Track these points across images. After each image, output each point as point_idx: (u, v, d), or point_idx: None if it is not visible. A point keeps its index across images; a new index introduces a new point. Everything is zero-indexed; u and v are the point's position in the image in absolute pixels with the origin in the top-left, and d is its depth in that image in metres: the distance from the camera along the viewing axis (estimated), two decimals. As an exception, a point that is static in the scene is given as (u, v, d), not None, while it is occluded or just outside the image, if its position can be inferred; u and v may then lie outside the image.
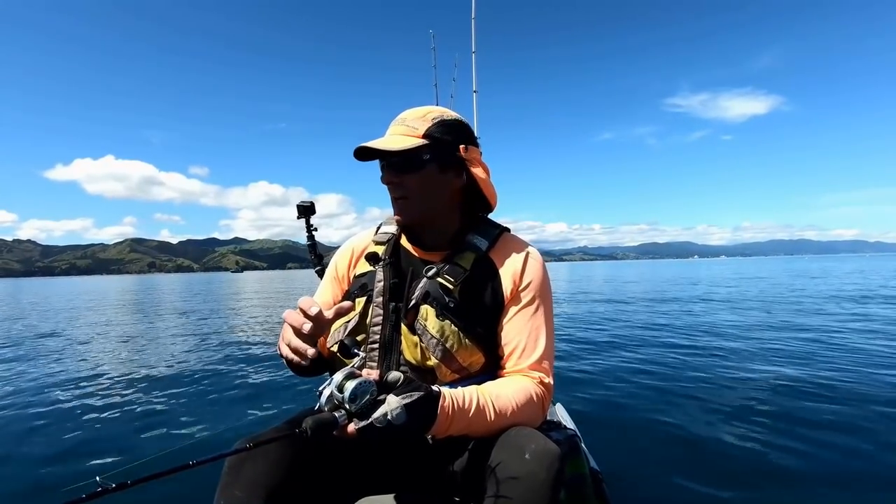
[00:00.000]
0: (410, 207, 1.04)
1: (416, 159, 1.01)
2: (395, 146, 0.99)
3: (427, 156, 1.02)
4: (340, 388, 0.75)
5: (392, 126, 1.06)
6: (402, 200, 1.04)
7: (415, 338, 0.99)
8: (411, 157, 1.01)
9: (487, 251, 1.08)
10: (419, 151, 1.01)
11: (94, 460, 2.74)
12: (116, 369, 5.23)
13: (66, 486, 0.52)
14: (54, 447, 2.95)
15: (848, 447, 2.54)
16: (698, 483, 2.23)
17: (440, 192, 1.06)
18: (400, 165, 1.02)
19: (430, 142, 1.01)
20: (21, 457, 2.83)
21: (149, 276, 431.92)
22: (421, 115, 1.05)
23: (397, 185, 1.03)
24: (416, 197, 1.03)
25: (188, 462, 0.60)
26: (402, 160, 1.01)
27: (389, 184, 1.04)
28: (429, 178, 1.03)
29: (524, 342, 1.02)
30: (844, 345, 5.37)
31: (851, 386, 3.69)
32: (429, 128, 1.02)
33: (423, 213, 1.05)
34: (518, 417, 0.91)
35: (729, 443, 2.69)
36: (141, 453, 2.80)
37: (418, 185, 1.03)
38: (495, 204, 1.17)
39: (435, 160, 1.03)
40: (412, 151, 1.00)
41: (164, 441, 3.04)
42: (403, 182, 1.02)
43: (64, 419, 3.50)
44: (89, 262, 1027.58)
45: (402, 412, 0.75)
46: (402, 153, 1.00)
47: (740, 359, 4.85)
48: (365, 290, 1.08)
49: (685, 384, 3.97)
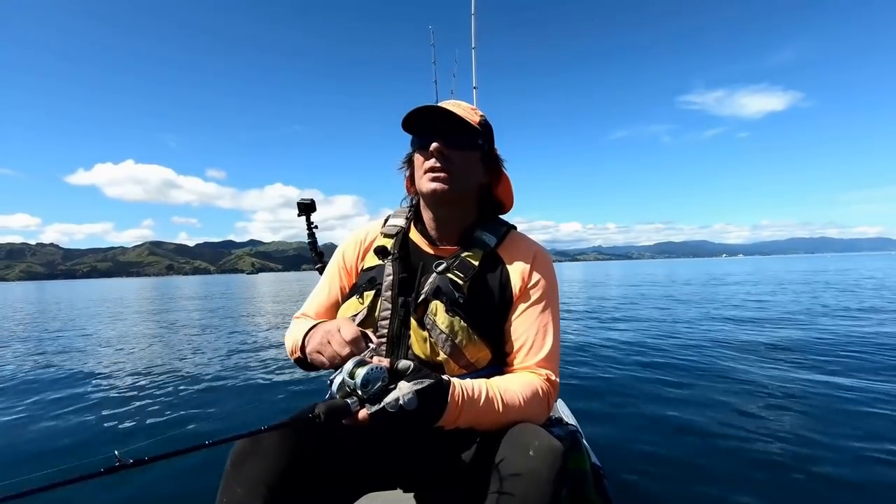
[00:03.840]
0: (451, 182, 1.03)
1: (473, 139, 1.05)
2: (468, 118, 1.02)
3: (480, 141, 1.07)
4: (352, 375, 0.76)
5: (446, 104, 1.07)
6: (444, 173, 1.03)
7: (424, 332, 1.00)
8: (470, 135, 1.05)
9: (496, 248, 1.09)
10: (477, 134, 1.05)
11: (115, 439, 2.92)
12: (141, 363, 5.36)
13: (86, 458, 0.54)
14: (78, 425, 3.18)
15: (857, 453, 2.46)
16: (698, 479, 2.23)
17: (474, 179, 1.09)
18: (456, 140, 1.03)
19: (483, 131, 1.07)
20: (43, 433, 3.05)
21: (167, 278, 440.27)
22: (471, 108, 1.09)
23: (445, 157, 1.03)
24: (459, 174, 1.04)
25: (204, 442, 0.62)
26: (459, 136, 1.03)
27: (438, 153, 1.02)
28: (474, 161, 1.07)
29: (532, 339, 1.02)
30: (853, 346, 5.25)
31: (865, 387, 3.60)
32: (480, 120, 1.07)
33: (458, 193, 1.06)
34: (525, 412, 0.92)
35: (730, 439, 2.67)
36: (160, 434, 2.98)
37: (464, 163, 1.05)
38: (511, 206, 1.19)
39: (482, 148, 1.08)
40: (473, 130, 1.04)
41: (184, 424, 3.18)
42: (452, 156, 1.03)
43: (89, 404, 3.73)
44: (110, 265, 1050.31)
45: (413, 397, 0.75)
46: (468, 128, 1.03)
47: (745, 356, 4.78)
48: (373, 284, 1.09)
49: (687, 380, 3.94)
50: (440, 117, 1.02)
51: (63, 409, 3.63)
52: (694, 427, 2.87)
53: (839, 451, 2.47)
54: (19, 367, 5.48)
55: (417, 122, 1.05)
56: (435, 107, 1.02)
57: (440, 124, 1.02)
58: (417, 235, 1.15)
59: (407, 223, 1.18)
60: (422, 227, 1.14)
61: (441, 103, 1.08)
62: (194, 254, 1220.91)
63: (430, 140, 1.02)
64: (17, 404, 3.83)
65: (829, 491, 2.10)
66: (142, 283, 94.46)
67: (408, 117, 1.03)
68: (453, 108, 1.04)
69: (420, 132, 1.06)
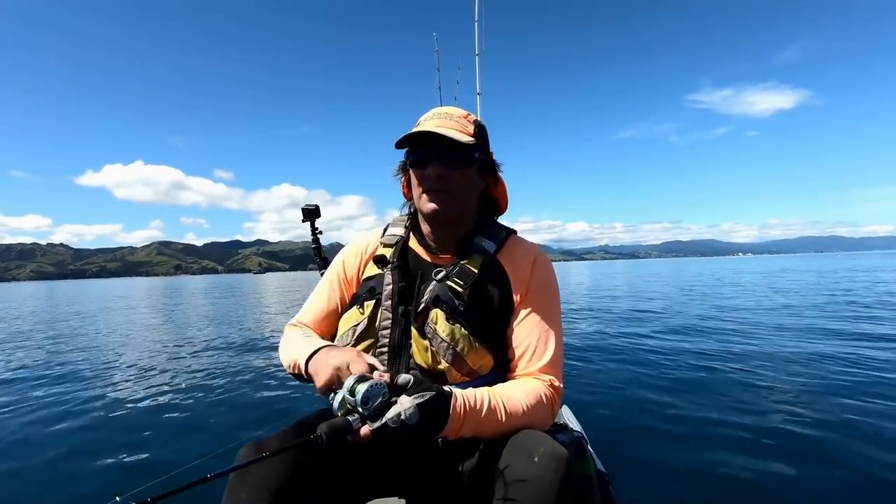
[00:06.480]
0: (450, 203, 1.02)
1: (469, 156, 1.03)
2: (461, 138, 0.99)
3: (476, 154, 1.04)
4: (352, 392, 0.75)
5: (437, 119, 1.05)
6: (443, 194, 1.02)
7: (425, 341, 0.99)
8: (465, 152, 1.02)
9: (495, 254, 1.08)
10: (472, 149, 1.02)
11: (117, 469, 2.64)
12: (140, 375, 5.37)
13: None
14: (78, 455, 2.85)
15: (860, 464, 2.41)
16: (705, 486, 2.20)
17: (473, 192, 1.08)
18: (453, 159, 1.01)
19: (477, 142, 1.04)
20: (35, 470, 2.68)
21: (175, 277, 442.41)
22: (463, 115, 1.06)
23: (444, 178, 1.01)
24: (458, 192, 1.03)
25: (206, 475, 0.62)
26: (456, 154, 1.01)
27: (437, 176, 1.01)
28: (472, 176, 1.05)
29: (534, 345, 1.01)
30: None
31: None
32: (474, 129, 1.05)
33: (458, 211, 1.05)
34: (528, 419, 0.91)
35: (738, 446, 2.63)
36: (162, 460, 2.73)
37: (463, 180, 1.03)
38: (506, 207, 1.18)
39: (479, 160, 1.06)
40: (469, 147, 1.01)
41: (184, 443, 3.06)
42: (450, 176, 1.01)
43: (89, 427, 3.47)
44: (118, 265, 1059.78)
45: (415, 412, 0.75)
46: (463, 146, 1.00)
47: (752, 361, 4.71)
48: (373, 294, 1.08)
49: (692, 386, 3.89)
50: (435, 137, 1.00)
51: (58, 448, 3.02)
52: (701, 434, 2.83)
53: (858, 462, 2.40)
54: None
55: (412, 138, 1.03)
56: (429, 133, 0.99)
57: (436, 141, 1.00)
58: (416, 244, 1.14)
59: (406, 232, 1.17)
60: (420, 235, 1.14)
61: (434, 111, 1.07)
62: (202, 253, 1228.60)
63: (425, 156, 1.01)
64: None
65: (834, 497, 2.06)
66: (150, 282, 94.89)
67: (400, 142, 1.02)
68: (446, 122, 1.03)
69: (416, 146, 1.05)
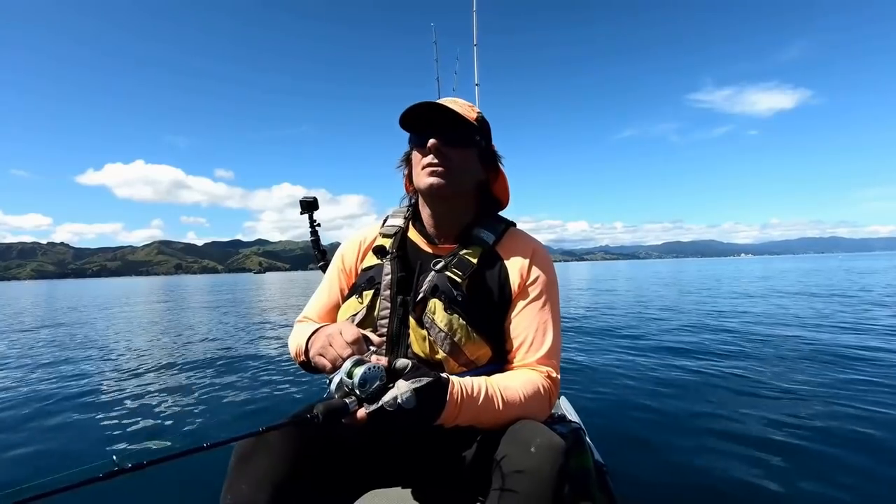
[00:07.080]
0: (449, 178, 1.03)
1: (470, 136, 1.05)
2: (464, 114, 1.02)
3: (478, 137, 1.07)
4: (350, 375, 0.76)
5: (443, 101, 1.06)
6: (442, 170, 1.03)
7: (423, 331, 1.00)
8: (467, 132, 1.04)
9: (494, 245, 1.09)
10: (474, 130, 1.05)
11: (115, 443, 2.89)
12: (139, 362, 5.39)
13: (83, 464, 0.54)
14: (74, 430, 3.14)
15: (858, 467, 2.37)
16: (702, 476, 2.22)
17: (472, 176, 1.09)
18: (453, 137, 1.03)
19: (479, 126, 1.06)
20: (41, 436, 3.04)
21: (176, 277, 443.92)
22: (468, 105, 1.08)
23: (444, 154, 1.02)
24: (457, 171, 1.04)
25: (202, 444, 0.62)
26: (456, 133, 1.03)
27: (436, 151, 1.02)
28: (471, 158, 1.07)
29: (532, 337, 1.01)
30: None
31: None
32: (476, 117, 1.07)
33: (455, 188, 1.05)
34: (525, 410, 0.91)
35: (736, 437, 2.65)
36: (160, 437, 2.95)
37: (462, 160, 1.05)
38: (507, 203, 1.19)
39: (480, 145, 1.08)
40: (470, 127, 1.04)
41: (184, 426, 3.17)
42: (449, 154, 1.03)
43: (85, 406, 3.71)
44: (119, 264, 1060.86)
45: (411, 396, 0.75)
46: (465, 124, 1.03)
47: (749, 357, 4.73)
48: (372, 284, 1.09)
49: (690, 380, 3.91)
50: (437, 115, 1.02)
51: (59, 413, 3.57)
52: (699, 425, 2.85)
53: (855, 452, 2.42)
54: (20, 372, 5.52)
55: (415, 120, 1.05)
56: (432, 103, 1.01)
57: (437, 122, 1.02)
58: (416, 234, 1.15)
59: (405, 222, 1.18)
60: (420, 225, 1.14)
61: (439, 101, 1.08)
62: (202, 253, 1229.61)
63: (427, 137, 1.02)
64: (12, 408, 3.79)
65: (840, 492, 2.05)
66: (150, 281, 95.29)
67: (405, 114, 1.03)
68: (450, 104, 1.04)
69: (417, 129, 1.06)
